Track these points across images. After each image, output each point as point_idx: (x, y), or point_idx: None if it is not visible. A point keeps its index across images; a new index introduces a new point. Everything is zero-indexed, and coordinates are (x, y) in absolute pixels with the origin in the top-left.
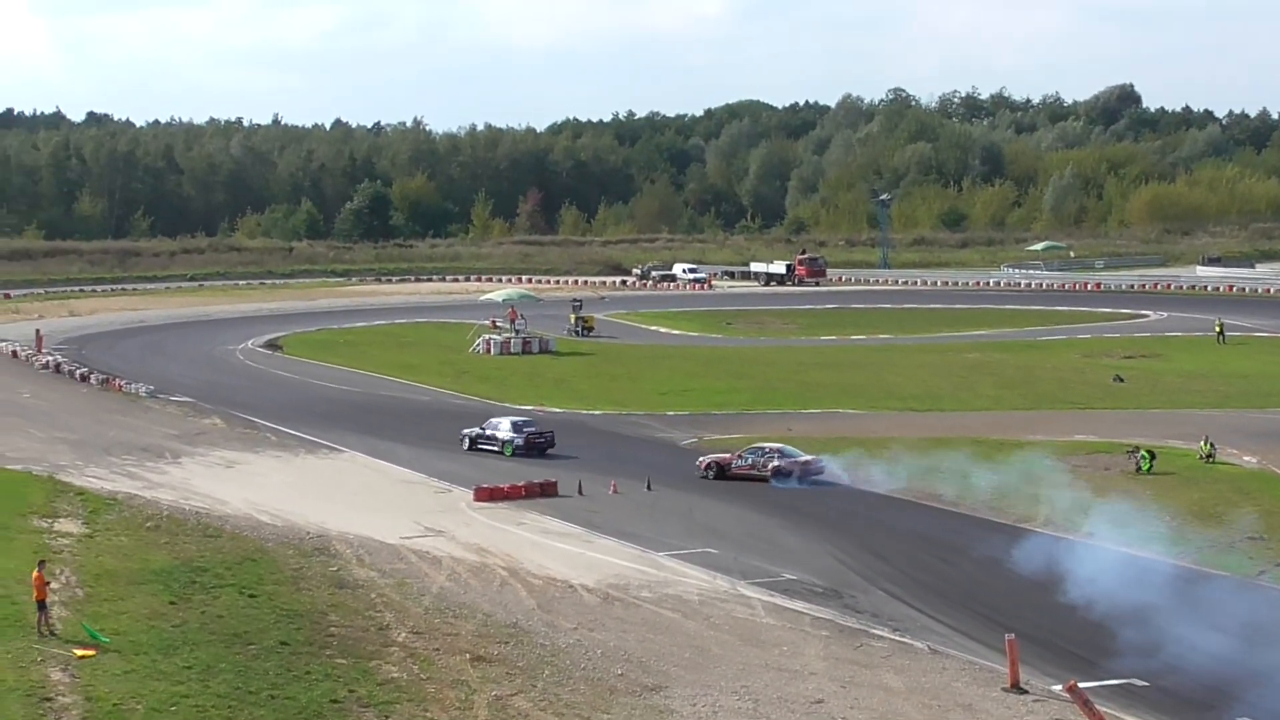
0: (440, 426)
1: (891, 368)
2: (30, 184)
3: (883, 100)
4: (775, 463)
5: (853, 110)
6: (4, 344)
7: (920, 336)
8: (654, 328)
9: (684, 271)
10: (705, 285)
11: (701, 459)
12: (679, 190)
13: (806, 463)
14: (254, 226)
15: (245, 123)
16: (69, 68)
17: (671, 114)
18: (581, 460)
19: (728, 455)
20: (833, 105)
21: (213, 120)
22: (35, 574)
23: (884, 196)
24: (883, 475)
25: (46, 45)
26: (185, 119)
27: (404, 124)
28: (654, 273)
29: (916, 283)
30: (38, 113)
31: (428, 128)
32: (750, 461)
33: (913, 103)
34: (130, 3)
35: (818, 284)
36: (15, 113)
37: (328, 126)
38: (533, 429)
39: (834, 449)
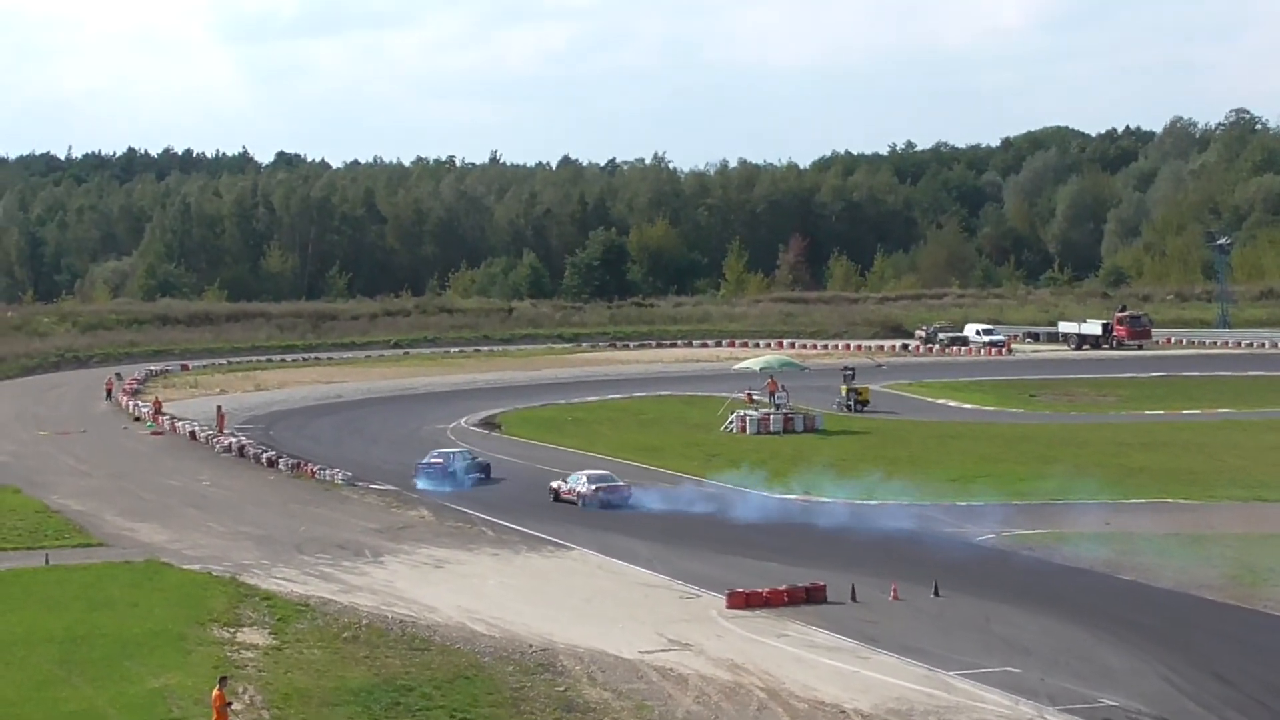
0: (684, 520)
1: (1234, 449)
2: (212, 236)
3: (1221, 124)
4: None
5: (1183, 137)
6: (182, 423)
7: (1269, 411)
8: (941, 401)
9: (977, 333)
10: (1003, 349)
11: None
12: (970, 236)
13: (610, 488)
14: (468, 284)
15: (458, 162)
16: (257, 102)
17: (962, 145)
18: (854, 561)
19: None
20: (1159, 131)
21: (420, 160)
22: (215, 693)
23: (1223, 241)
24: (1220, 578)
25: (233, 76)
26: (388, 159)
27: (643, 161)
28: (941, 335)
29: (1264, 345)
30: (221, 154)
31: (671, 165)
32: (569, 487)
33: (1258, 125)
34: (328, 24)
35: (1140, 347)
36: (196, 154)
37: (554, 165)
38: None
39: (1160, 548)
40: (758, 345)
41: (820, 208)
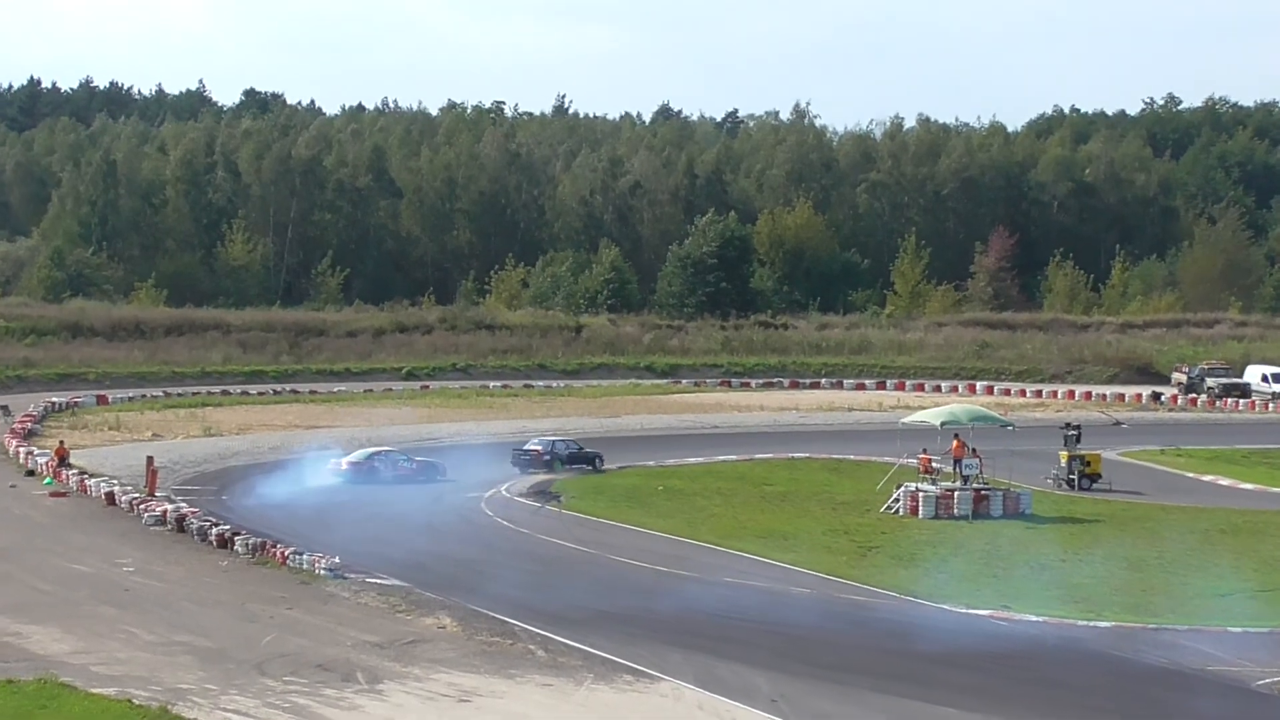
0: (823, 641)
1: None
2: (148, 211)
3: None
4: None
5: None
6: (96, 481)
7: None
8: (1209, 478)
9: (1266, 379)
10: None
11: None
12: (1259, 237)
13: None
14: (516, 288)
15: (508, 110)
16: (218, 15)
17: (1250, 102)
18: (1076, 711)
19: None
20: None
21: (453, 106)
22: None
23: None
24: None
25: None
26: (406, 104)
27: (777, 116)
28: (1210, 380)
29: None
30: (163, 91)
31: (818, 122)
32: None
33: None
34: None
35: None
36: (126, 89)
37: (646, 118)
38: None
39: None
40: (939, 389)
41: (1036, 190)
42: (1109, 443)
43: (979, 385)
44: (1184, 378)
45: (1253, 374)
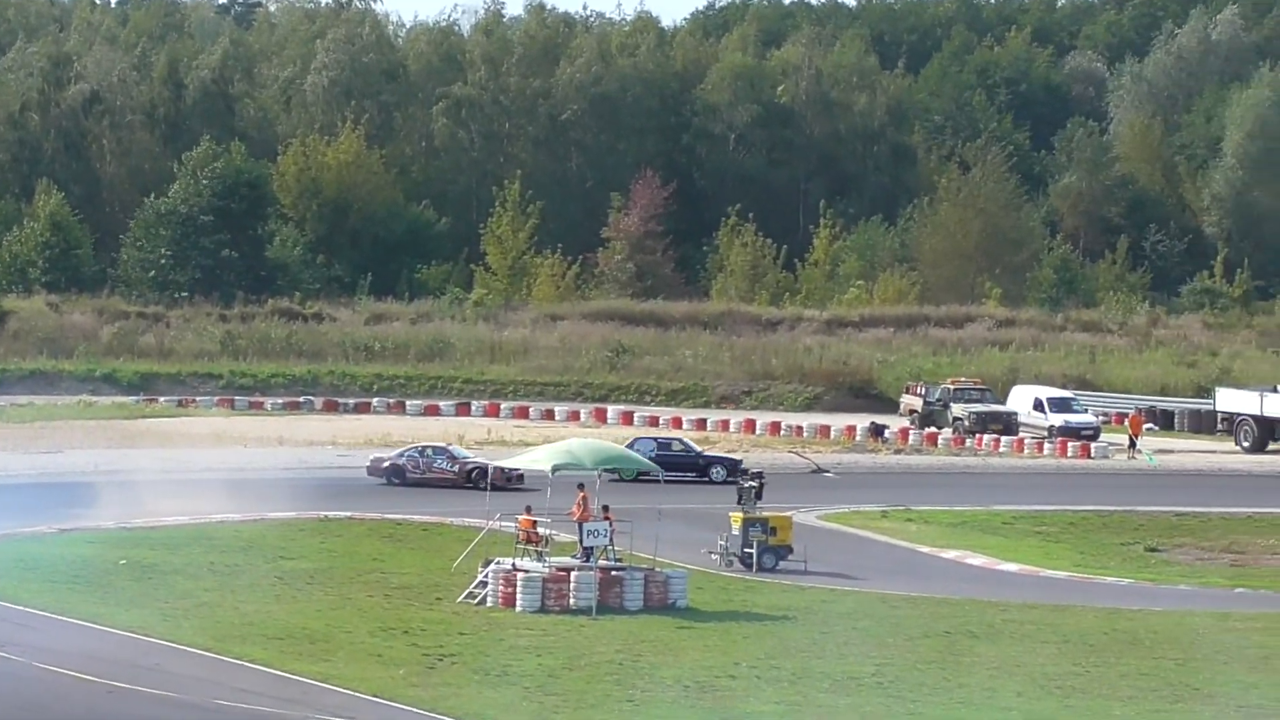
0: None
1: None
2: None
3: None
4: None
5: None
6: None
7: None
8: (953, 553)
9: (1041, 407)
10: (1131, 453)
11: None
12: (1031, 189)
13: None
14: None
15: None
16: None
17: None
18: None
19: None
20: None
21: None
22: None
23: None
24: None
25: None
26: None
27: None
28: (957, 406)
29: None
30: None
31: (374, 2)
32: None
33: None
34: None
35: None
36: None
37: None
38: None
39: None
40: (552, 415)
41: (705, 116)
42: (807, 499)
43: (612, 410)
44: (919, 403)
45: (1020, 399)
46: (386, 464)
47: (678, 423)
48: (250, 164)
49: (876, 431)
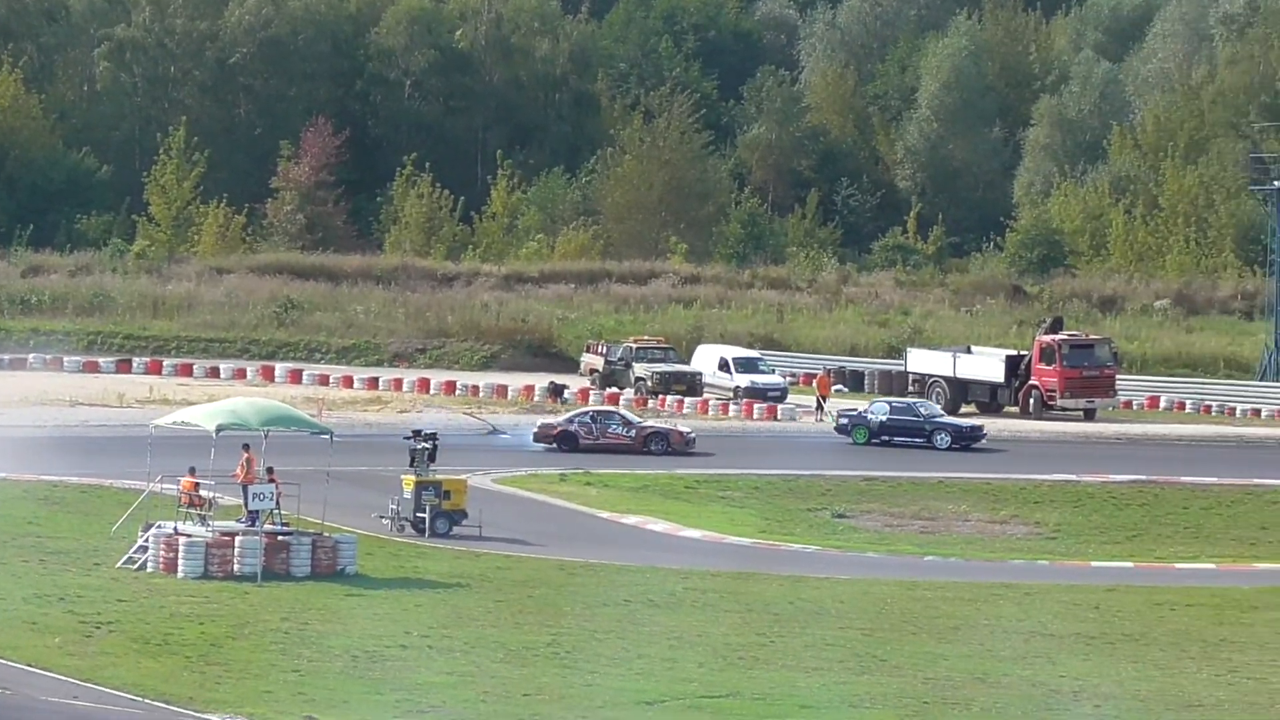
0: None
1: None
2: None
3: None
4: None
5: None
6: None
7: None
8: (633, 518)
9: (727, 367)
10: (819, 415)
11: None
12: (718, 140)
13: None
14: None
15: None
16: None
17: None
18: None
19: None
20: None
21: None
22: None
23: None
24: None
25: None
26: None
27: None
28: (639, 366)
29: None
30: None
31: None
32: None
33: None
34: None
35: (1092, 409)
36: None
37: None
38: None
39: None
40: (217, 372)
41: (380, 61)
42: (482, 462)
43: (281, 368)
44: (600, 362)
45: (705, 358)
46: (558, 429)
47: (349, 382)
48: None
49: (556, 392)
